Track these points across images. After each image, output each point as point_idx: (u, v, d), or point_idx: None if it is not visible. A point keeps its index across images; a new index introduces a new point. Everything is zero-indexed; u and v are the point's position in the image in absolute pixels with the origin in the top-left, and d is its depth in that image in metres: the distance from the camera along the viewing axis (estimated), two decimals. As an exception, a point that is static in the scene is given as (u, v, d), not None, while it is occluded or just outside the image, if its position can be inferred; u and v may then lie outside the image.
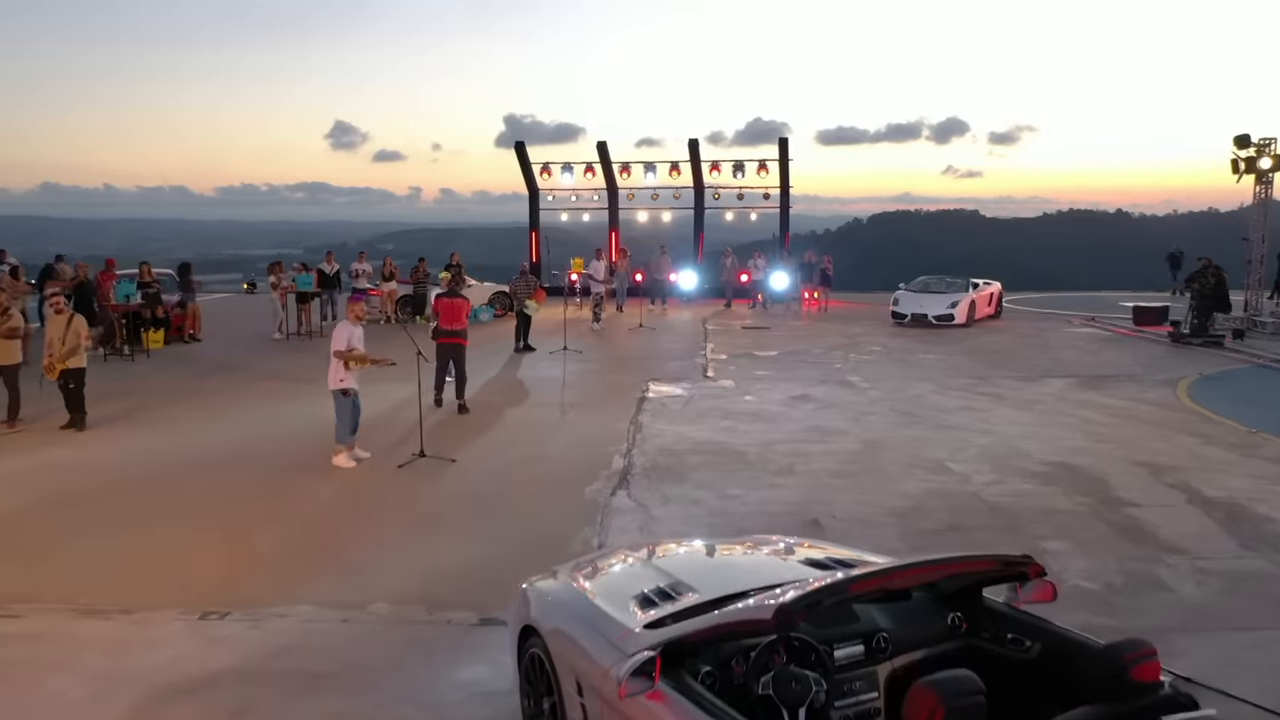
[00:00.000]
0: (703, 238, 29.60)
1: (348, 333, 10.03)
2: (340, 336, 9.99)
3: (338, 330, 10.04)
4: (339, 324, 10.15)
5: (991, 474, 9.57)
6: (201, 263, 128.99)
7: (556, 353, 17.86)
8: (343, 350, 9.96)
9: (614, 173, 29.54)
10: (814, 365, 16.49)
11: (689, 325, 22.34)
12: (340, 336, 9.99)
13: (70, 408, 11.95)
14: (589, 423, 12.08)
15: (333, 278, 22.86)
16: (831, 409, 12.83)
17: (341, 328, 10.05)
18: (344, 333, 10.02)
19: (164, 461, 10.25)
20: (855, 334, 20.53)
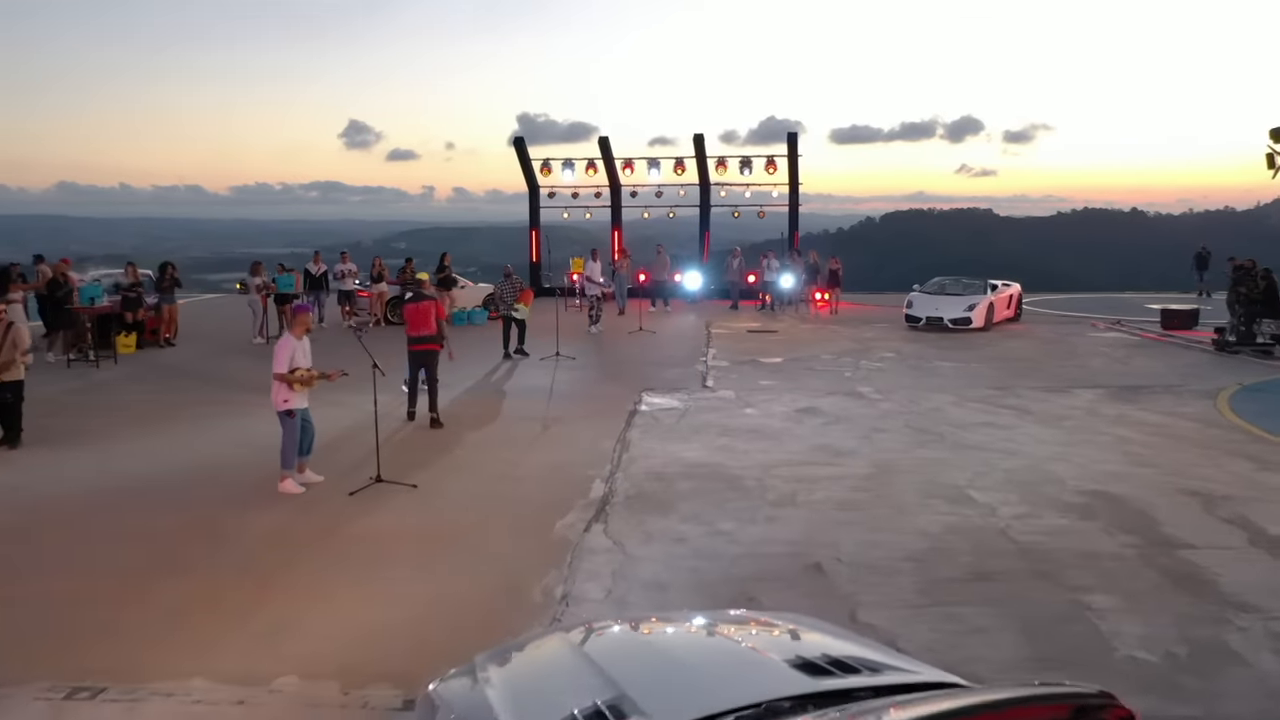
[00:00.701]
0: (708, 237, 28.45)
1: (290, 350, 8.91)
2: (281, 355, 8.88)
3: (279, 347, 8.92)
4: (280, 340, 9.02)
5: (1020, 505, 8.41)
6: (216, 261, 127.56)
7: (548, 359, 16.79)
8: (284, 373, 8.85)
9: (616, 169, 28.42)
10: (822, 373, 15.34)
11: (692, 329, 21.21)
12: (281, 355, 8.88)
13: (4, 423, 10.92)
14: (572, 440, 10.97)
15: (320, 279, 21.85)
16: (840, 424, 11.68)
17: (283, 344, 8.94)
18: (285, 350, 8.90)
19: (88, 487, 9.18)
20: (866, 339, 19.37)
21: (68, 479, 9.54)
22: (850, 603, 6.34)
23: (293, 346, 8.95)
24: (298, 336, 9.05)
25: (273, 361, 8.90)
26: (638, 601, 6.38)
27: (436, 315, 12.16)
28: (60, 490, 9.14)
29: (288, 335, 9.04)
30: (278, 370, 8.84)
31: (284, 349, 8.91)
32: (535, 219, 29.65)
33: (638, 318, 21.30)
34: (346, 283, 21.95)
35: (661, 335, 20.22)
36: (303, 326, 9.12)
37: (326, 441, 10.49)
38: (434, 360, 12.08)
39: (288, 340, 8.98)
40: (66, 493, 9.04)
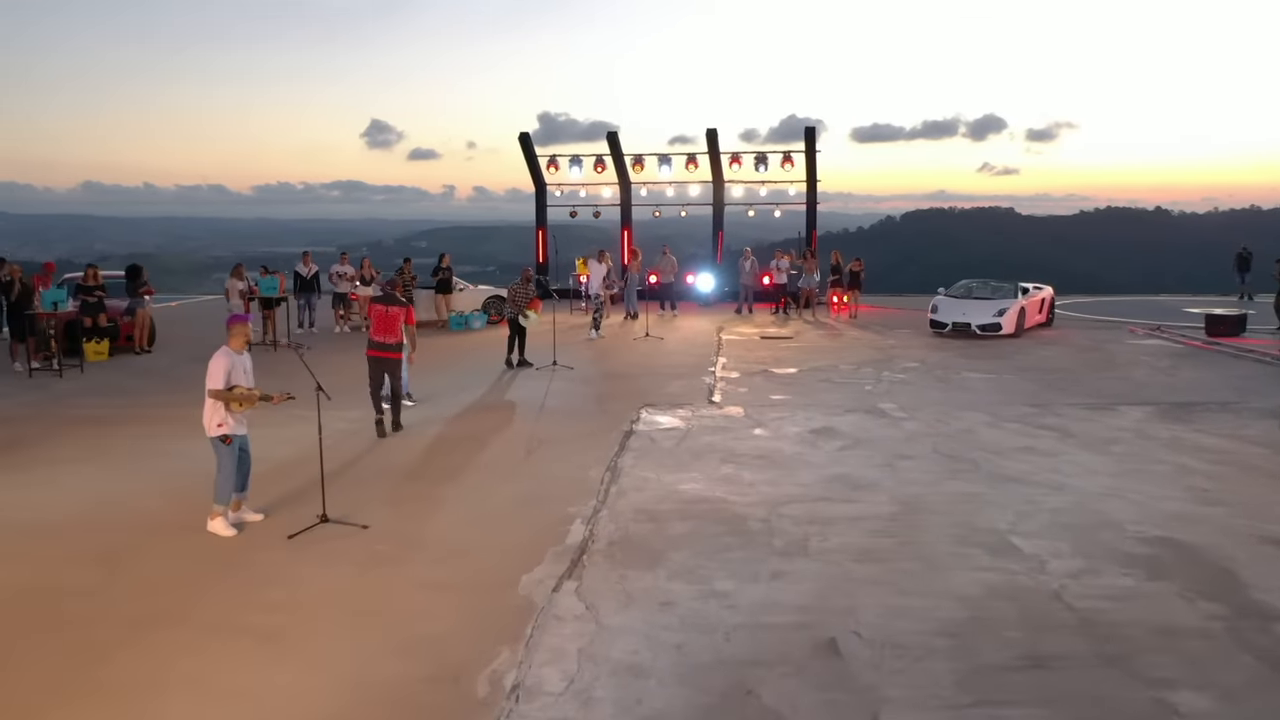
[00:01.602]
0: (722, 236, 27.20)
1: (226, 364, 7.73)
2: (216, 370, 7.69)
3: (214, 362, 7.73)
4: (216, 354, 7.81)
5: (1074, 557, 7.09)
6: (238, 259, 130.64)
7: (545, 368, 15.56)
8: (220, 390, 7.67)
9: (626, 166, 27.22)
10: (840, 386, 14.03)
11: (702, 335, 19.92)
12: (216, 370, 7.69)
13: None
14: (556, 468, 9.72)
15: (311, 281, 20.75)
16: (860, 449, 10.38)
17: (219, 359, 7.74)
18: (222, 365, 7.71)
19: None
20: (888, 346, 18.02)
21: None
22: (872, 699, 5.05)
23: (230, 361, 7.76)
24: (236, 350, 7.86)
25: (207, 376, 7.70)
26: (605, 695, 5.11)
27: (406, 322, 11.30)
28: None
29: (224, 349, 7.83)
30: (212, 387, 7.64)
31: (219, 363, 7.72)
32: (542, 218, 28.52)
33: (645, 323, 20.07)
34: (342, 285, 20.82)
35: (669, 342, 18.95)
36: (241, 338, 7.92)
37: (278, 468, 9.32)
38: (397, 367, 11.33)
39: (224, 354, 7.78)
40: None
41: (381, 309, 11.24)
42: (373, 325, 11.32)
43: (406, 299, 21.06)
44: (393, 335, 11.16)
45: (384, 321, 11.16)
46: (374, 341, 11.24)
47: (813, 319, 22.76)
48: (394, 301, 11.32)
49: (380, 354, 11.20)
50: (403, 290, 21.14)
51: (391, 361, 11.26)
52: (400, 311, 11.21)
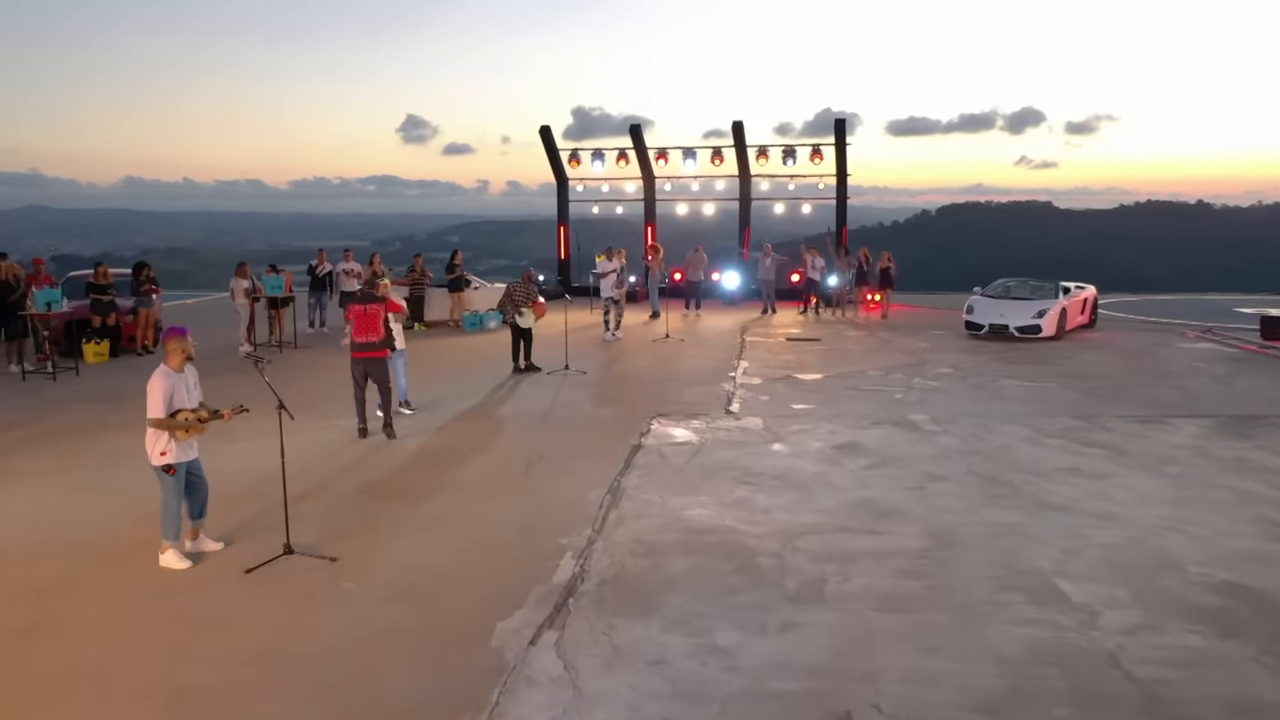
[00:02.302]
0: (749, 232, 26.24)
1: (165, 387, 6.92)
2: (155, 395, 6.88)
3: (152, 386, 6.91)
4: (153, 376, 7.00)
5: (1131, 607, 6.17)
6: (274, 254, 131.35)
7: (555, 372, 14.77)
8: (161, 419, 6.90)
9: (649, 160, 26.34)
10: (868, 395, 13.11)
11: (724, 336, 19.04)
12: (155, 395, 6.88)
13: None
14: (553, 488, 8.91)
15: (324, 279, 20.09)
16: (887, 468, 9.48)
17: (157, 382, 6.91)
18: (160, 389, 6.90)
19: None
20: (921, 350, 17.05)
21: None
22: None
23: (169, 383, 6.95)
24: (175, 368, 7.05)
25: (147, 401, 6.92)
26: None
27: (387, 316, 10.94)
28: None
29: (162, 369, 7.04)
30: (152, 414, 6.88)
31: (157, 386, 6.90)
32: (564, 213, 27.71)
33: (666, 323, 19.22)
34: (349, 283, 20.13)
35: (689, 344, 18.09)
36: (180, 354, 7.10)
37: (254, 486, 8.58)
38: (382, 367, 10.88)
39: (162, 375, 6.97)
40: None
41: (360, 308, 10.82)
42: (354, 326, 10.85)
43: (419, 294, 20.72)
44: (374, 334, 10.77)
45: (364, 320, 10.78)
46: (356, 343, 10.83)
47: (842, 319, 21.80)
48: (372, 299, 10.90)
49: (363, 354, 10.80)
50: (415, 285, 20.56)
51: (374, 361, 10.82)
52: (379, 308, 10.81)
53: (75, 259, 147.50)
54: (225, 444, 10.00)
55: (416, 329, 20.55)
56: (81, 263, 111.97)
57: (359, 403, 10.91)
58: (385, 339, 10.84)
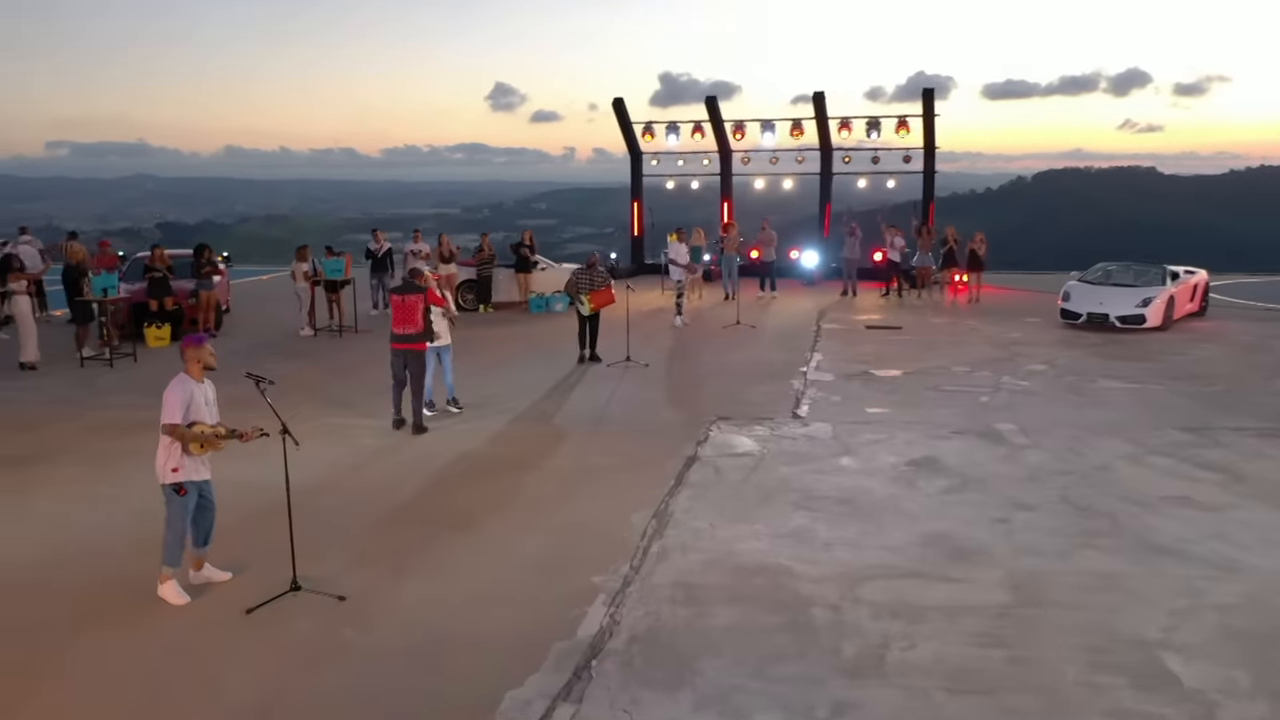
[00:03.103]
0: (829, 208, 25.05)
1: (183, 396, 6.43)
2: (173, 401, 6.38)
3: (169, 393, 6.41)
4: (171, 383, 6.50)
5: (1256, 698, 5.15)
6: (367, 221, 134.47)
7: (618, 365, 14.02)
8: (177, 424, 6.37)
9: (726, 133, 25.32)
10: (951, 397, 12.05)
11: (799, 323, 18.03)
12: (173, 401, 6.38)
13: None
14: (595, 509, 8.15)
15: (383, 259, 19.68)
16: (968, 491, 8.49)
17: (174, 389, 6.43)
18: (177, 397, 6.41)
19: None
20: (1011, 341, 15.81)
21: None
22: None
23: (187, 391, 6.45)
24: (195, 377, 6.56)
25: (163, 409, 6.39)
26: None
27: (426, 307, 10.40)
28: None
29: (180, 376, 6.52)
30: (167, 420, 6.34)
31: (175, 395, 6.40)
32: (637, 188, 26.92)
33: (738, 307, 18.24)
34: (417, 264, 19.61)
35: (761, 331, 17.16)
36: (199, 363, 6.60)
37: (276, 504, 7.98)
38: (418, 362, 10.42)
39: (180, 383, 6.47)
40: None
41: (399, 299, 10.40)
42: (393, 317, 10.44)
43: (486, 275, 20.15)
44: (411, 325, 10.32)
45: (401, 311, 10.37)
46: (394, 334, 10.43)
47: (928, 303, 20.56)
48: (411, 289, 10.43)
49: (400, 345, 10.42)
50: (482, 266, 20.00)
51: (412, 355, 10.40)
52: (418, 299, 10.31)
53: (178, 226, 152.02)
54: (253, 450, 9.50)
55: (482, 311, 20.05)
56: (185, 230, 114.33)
57: (396, 394, 10.68)
58: (423, 331, 10.37)
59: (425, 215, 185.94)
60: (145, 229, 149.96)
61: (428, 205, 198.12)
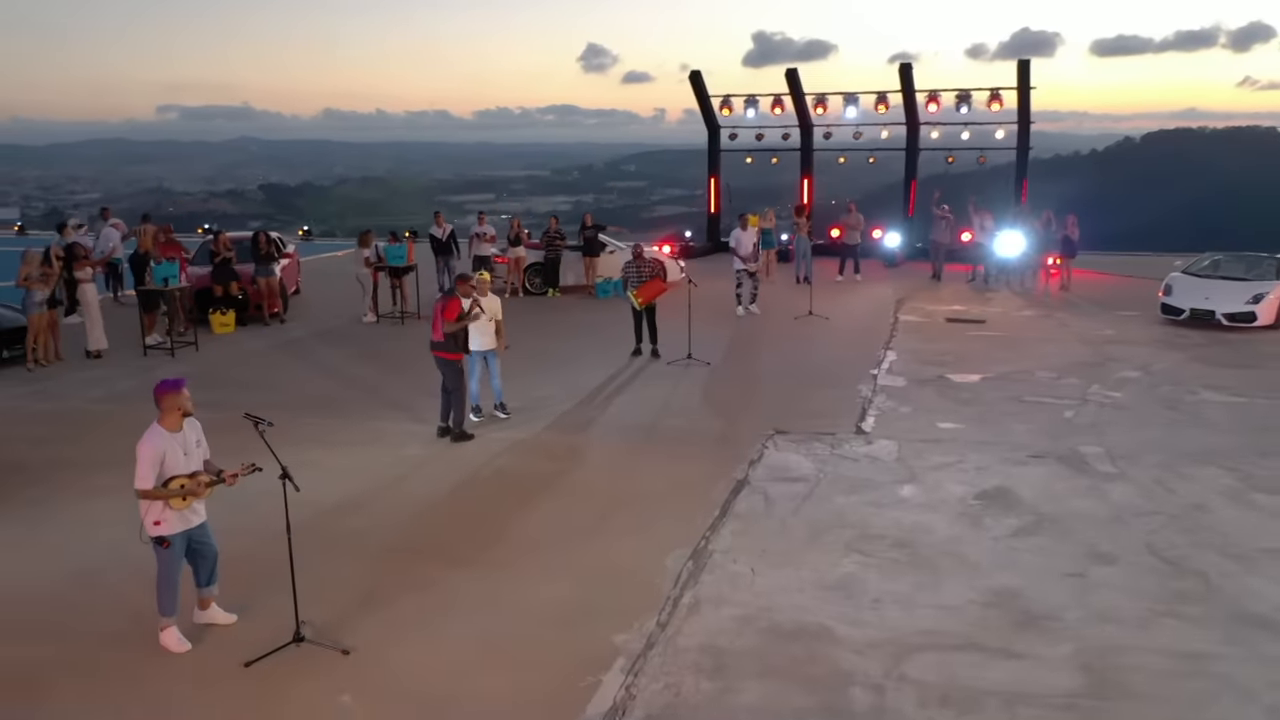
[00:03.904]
0: (915, 186, 23.88)
1: (155, 452, 5.92)
2: (143, 463, 5.89)
3: (140, 451, 5.92)
4: (144, 438, 5.99)
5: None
6: (459, 183, 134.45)
7: (678, 362, 13.42)
8: (148, 490, 5.95)
9: (807, 106, 24.28)
10: (1032, 409, 11.14)
11: (875, 313, 17.12)
12: (143, 463, 5.89)
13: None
14: (627, 546, 7.60)
15: (446, 243, 19.36)
16: (1043, 535, 7.70)
17: (146, 446, 5.92)
18: (148, 455, 5.90)
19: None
20: (1104, 340, 14.69)
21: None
22: None
23: (159, 447, 5.95)
24: (169, 428, 6.03)
25: (137, 467, 5.95)
26: None
27: (445, 316, 10.05)
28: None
29: (153, 429, 6.04)
30: (139, 485, 5.94)
31: (146, 453, 5.90)
32: (714, 164, 26.11)
33: (811, 296, 17.33)
34: (483, 247, 19.33)
35: (835, 323, 16.32)
36: (175, 412, 6.08)
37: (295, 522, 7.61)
38: (450, 370, 10.12)
39: (152, 438, 5.97)
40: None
41: (439, 304, 10.29)
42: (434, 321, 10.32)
43: (554, 258, 19.65)
44: (435, 332, 10.16)
45: (435, 318, 10.28)
46: (431, 340, 10.35)
47: (1018, 289, 19.39)
48: (446, 296, 10.33)
49: (435, 353, 10.28)
50: (550, 249, 19.51)
51: (443, 362, 10.17)
52: (455, 304, 10.07)
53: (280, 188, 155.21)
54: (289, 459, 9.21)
55: (549, 295, 19.61)
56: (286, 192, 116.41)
57: (442, 401, 10.36)
58: (445, 340, 10.07)
59: (515, 177, 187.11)
60: (249, 190, 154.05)
61: (518, 167, 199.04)
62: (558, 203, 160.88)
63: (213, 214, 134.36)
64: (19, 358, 13.89)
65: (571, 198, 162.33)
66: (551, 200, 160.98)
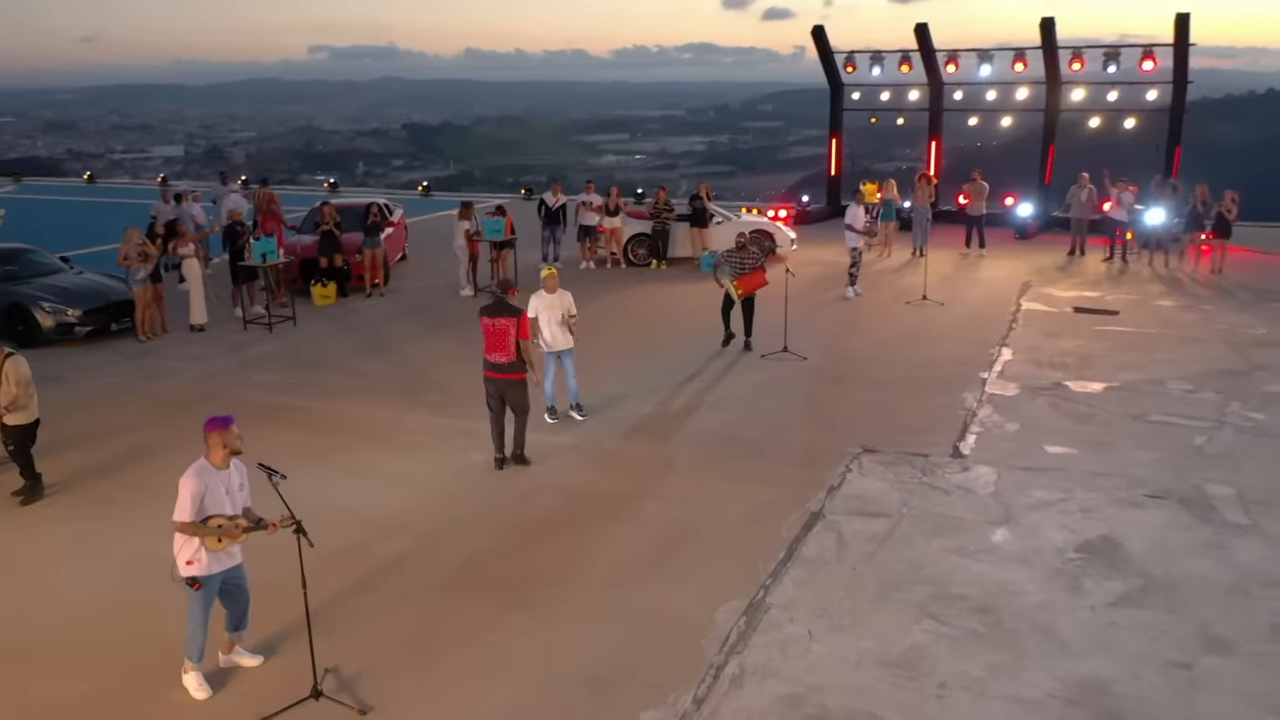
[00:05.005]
0: (1053, 151, 22.10)
1: (197, 488, 5.73)
2: (185, 496, 5.71)
3: (183, 485, 5.72)
4: (188, 472, 5.78)
5: None
6: (594, 123, 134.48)
7: (771, 356, 12.72)
8: (187, 521, 5.75)
9: (937, 64, 22.73)
10: (1158, 433, 10.00)
11: (996, 299, 15.89)
12: (185, 496, 5.71)
13: (21, 472, 8.97)
14: (675, 594, 7.06)
15: (556, 212, 18.98)
16: (1148, 607, 6.79)
17: (189, 481, 5.73)
18: (192, 489, 5.72)
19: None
20: (1254, 341, 13.19)
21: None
22: None
23: (202, 483, 5.75)
24: (216, 464, 5.84)
25: (178, 502, 5.77)
26: None
27: (519, 335, 8.97)
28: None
29: (199, 464, 5.84)
30: (178, 517, 5.75)
31: (189, 487, 5.72)
32: (837, 123, 24.93)
33: (926, 275, 16.20)
34: (588, 216, 18.89)
35: (948, 310, 15.23)
36: (222, 449, 5.87)
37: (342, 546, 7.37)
38: (518, 391, 9.14)
39: (196, 473, 5.78)
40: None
41: (489, 321, 9.04)
42: (484, 339, 9.13)
43: (661, 229, 19.02)
44: (504, 353, 8.98)
45: (492, 335, 9.02)
46: (486, 360, 9.18)
47: (1163, 270, 17.74)
48: (503, 311, 9.03)
49: (494, 374, 9.15)
50: (658, 219, 18.87)
51: (508, 384, 9.13)
52: (510, 324, 8.93)
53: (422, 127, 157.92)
54: (351, 465, 9.10)
55: (655, 267, 19.04)
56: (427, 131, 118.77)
57: (493, 430, 9.35)
58: (517, 360, 9.01)
59: (650, 117, 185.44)
60: (392, 129, 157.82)
61: (653, 107, 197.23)
62: (692, 143, 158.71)
63: (359, 152, 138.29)
64: (129, 330, 14.27)
65: (706, 138, 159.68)
66: (686, 140, 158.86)
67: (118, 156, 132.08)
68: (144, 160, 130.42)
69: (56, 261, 15.35)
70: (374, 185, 60.89)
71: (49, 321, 13.78)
